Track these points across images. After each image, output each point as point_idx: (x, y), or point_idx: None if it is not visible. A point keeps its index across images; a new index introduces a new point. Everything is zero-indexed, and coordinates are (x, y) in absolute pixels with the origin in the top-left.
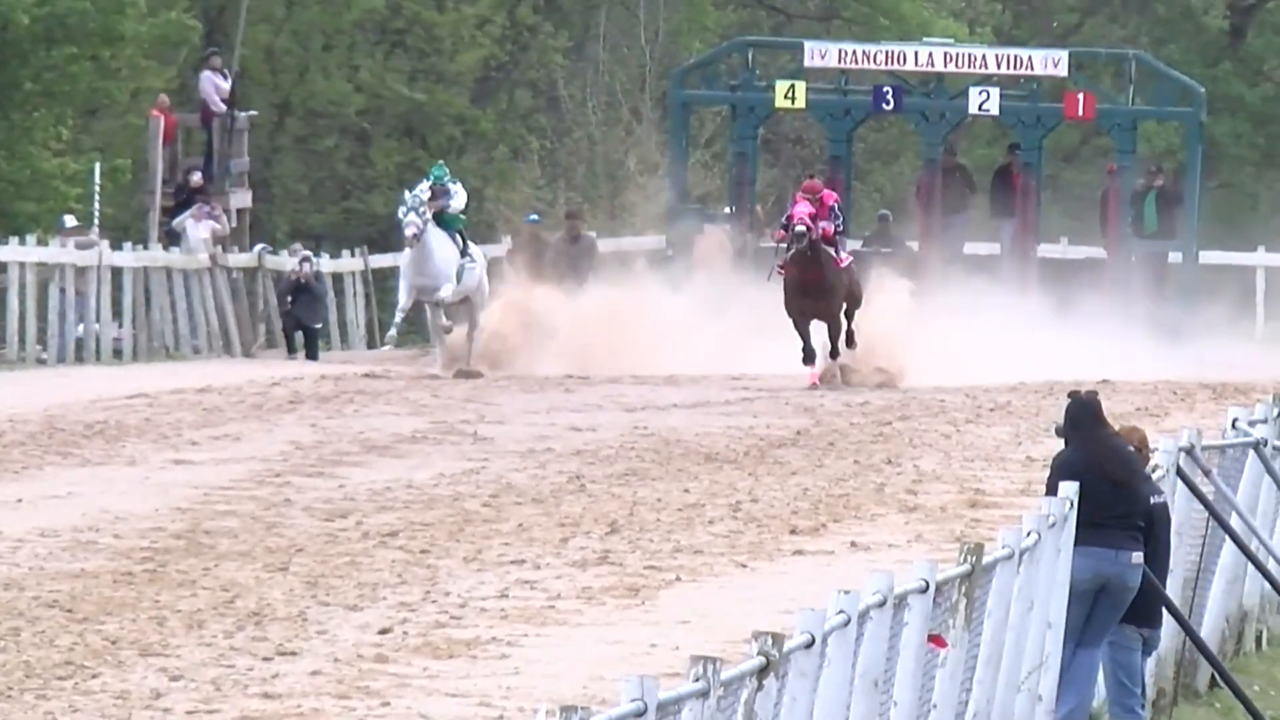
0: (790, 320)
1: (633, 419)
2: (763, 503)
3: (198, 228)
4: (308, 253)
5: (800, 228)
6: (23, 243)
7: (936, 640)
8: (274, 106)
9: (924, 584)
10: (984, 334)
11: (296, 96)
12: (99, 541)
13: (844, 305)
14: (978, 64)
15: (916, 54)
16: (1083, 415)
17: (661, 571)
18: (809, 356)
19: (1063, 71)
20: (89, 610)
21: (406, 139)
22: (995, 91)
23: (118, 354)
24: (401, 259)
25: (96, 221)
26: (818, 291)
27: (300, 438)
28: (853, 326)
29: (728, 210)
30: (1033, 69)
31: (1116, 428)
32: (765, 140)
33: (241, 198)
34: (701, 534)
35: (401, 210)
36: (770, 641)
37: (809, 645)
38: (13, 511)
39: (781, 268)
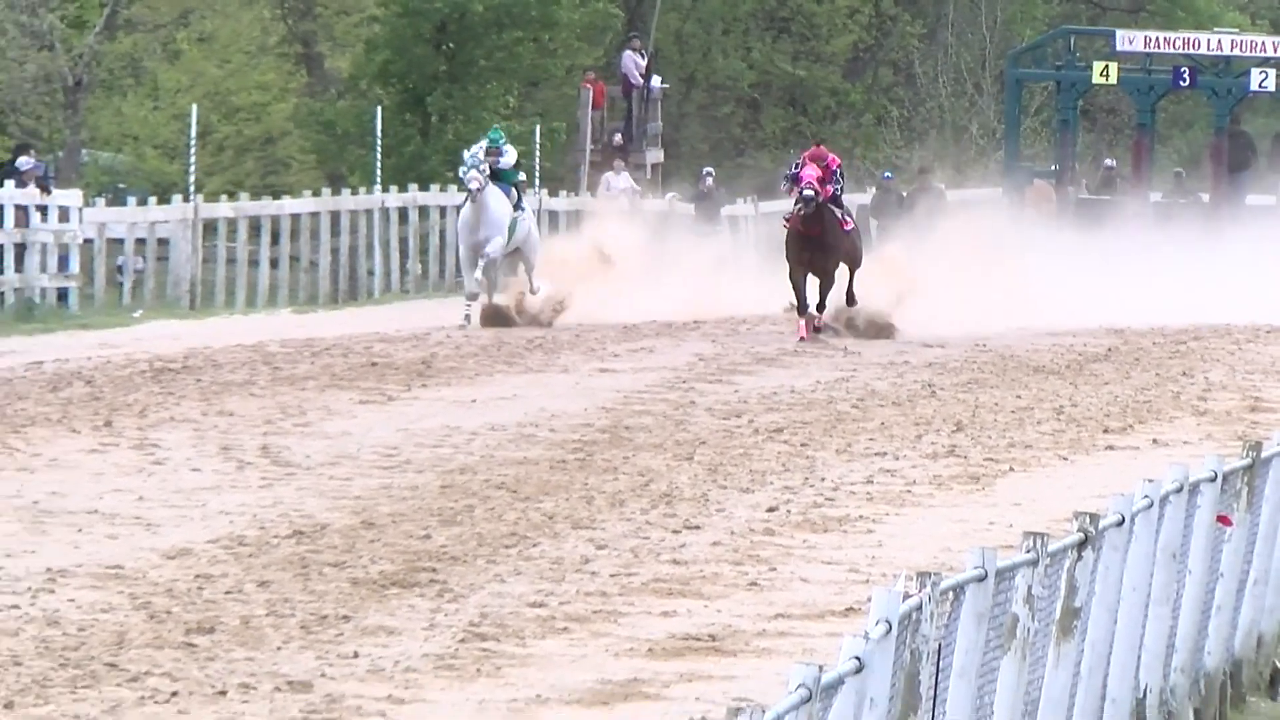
0: (789, 270)
1: (974, 338)
2: (1080, 407)
3: (617, 179)
4: (710, 169)
5: (809, 191)
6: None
7: (1224, 520)
8: (682, 80)
9: (1213, 474)
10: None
11: (700, 72)
12: (538, 435)
13: (840, 264)
14: (1259, 49)
15: (1208, 40)
16: None
17: (998, 463)
18: (801, 307)
19: None
20: (530, 491)
21: (790, 108)
22: (1273, 72)
23: None
24: (460, 217)
25: (538, 175)
26: (817, 246)
27: (703, 351)
28: (852, 286)
29: (1053, 168)
30: None
31: None
32: (1084, 110)
33: (655, 155)
34: (1030, 432)
35: (463, 169)
36: (1088, 520)
37: (1119, 524)
38: (467, 410)
39: (787, 220)
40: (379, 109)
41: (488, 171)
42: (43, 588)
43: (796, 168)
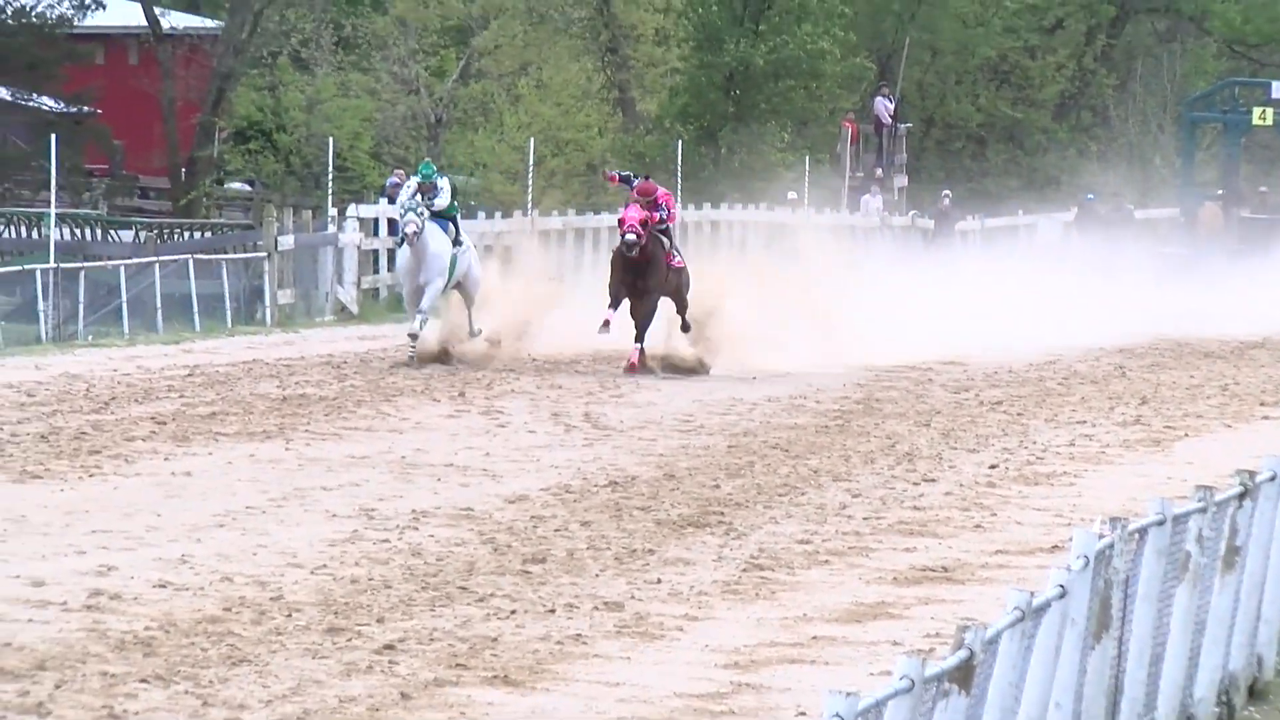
0: (610, 283)
1: (1160, 326)
2: (1242, 385)
3: (872, 200)
4: (948, 191)
5: (630, 237)
6: (756, 208)
7: None
8: (922, 120)
9: None
10: None
11: (937, 114)
12: (806, 405)
13: (664, 299)
14: None
15: None
16: None
17: (1175, 430)
18: (615, 304)
19: None
20: (799, 450)
21: (1009, 143)
22: None
23: None
24: (399, 259)
25: (805, 198)
26: (637, 286)
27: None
28: (686, 318)
29: (1219, 192)
30: None
31: None
32: (1245, 146)
33: (901, 181)
34: (1201, 405)
35: (399, 210)
36: (1247, 476)
37: (1272, 479)
38: (749, 385)
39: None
40: (679, 142)
41: (425, 214)
42: (408, 525)
43: (625, 206)
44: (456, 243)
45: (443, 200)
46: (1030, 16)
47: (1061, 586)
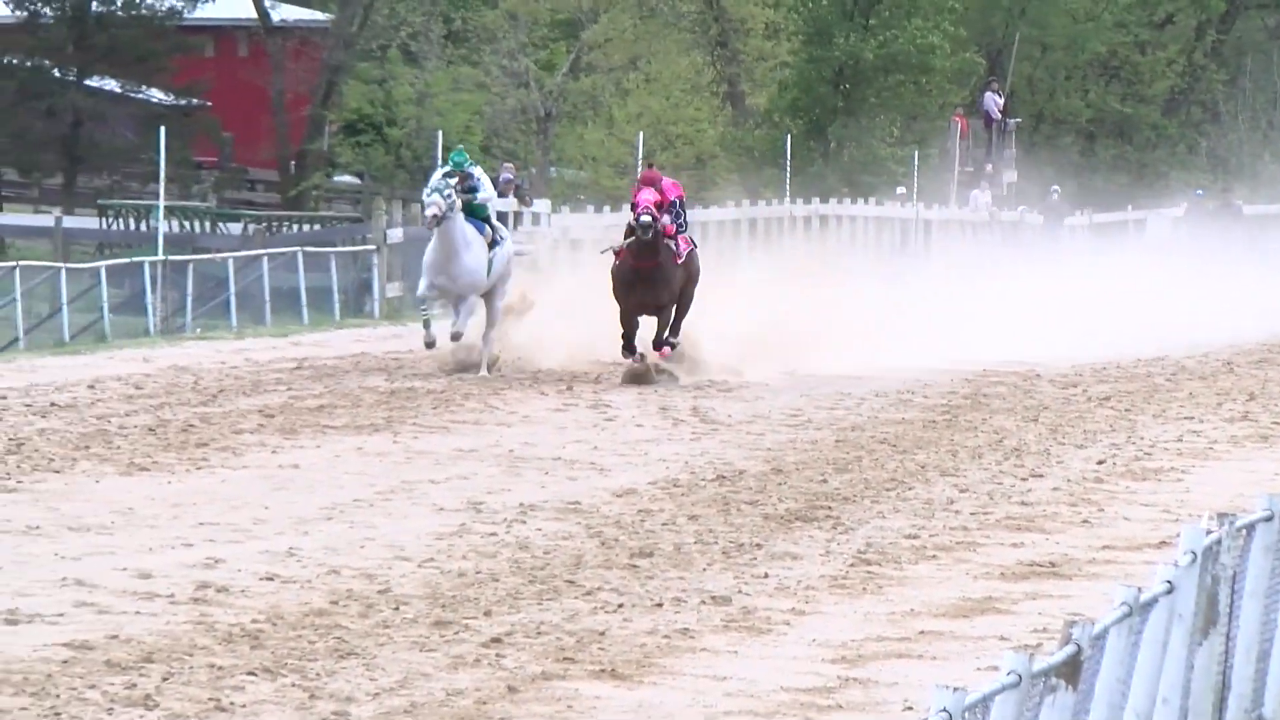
0: (620, 312)
1: (1268, 323)
2: None
3: (980, 195)
4: (1057, 187)
5: (646, 217)
6: (865, 203)
7: None
8: (1031, 116)
9: None
10: None
11: (1047, 109)
12: (913, 400)
13: (676, 300)
14: None
15: None
16: None
17: None
18: (629, 348)
19: None
20: (906, 445)
21: (1119, 139)
22: None
23: None
24: (426, 252)
25: (915, 192)
26: (650, 282)
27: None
28: (681, 323)
29: None
30: None
31: None
32: None
33: (1010, 176)
34: None
35: (425, 191)
36: None
37: None
38: (856, 380)
39: (618, 254)
40: (788, 137)
41: (453, 198)
42: (516, 519)
43: (634, 193)
44: (494, 242)
45: (485, 194)
46: (1140, 11)
47: (1169, 582)
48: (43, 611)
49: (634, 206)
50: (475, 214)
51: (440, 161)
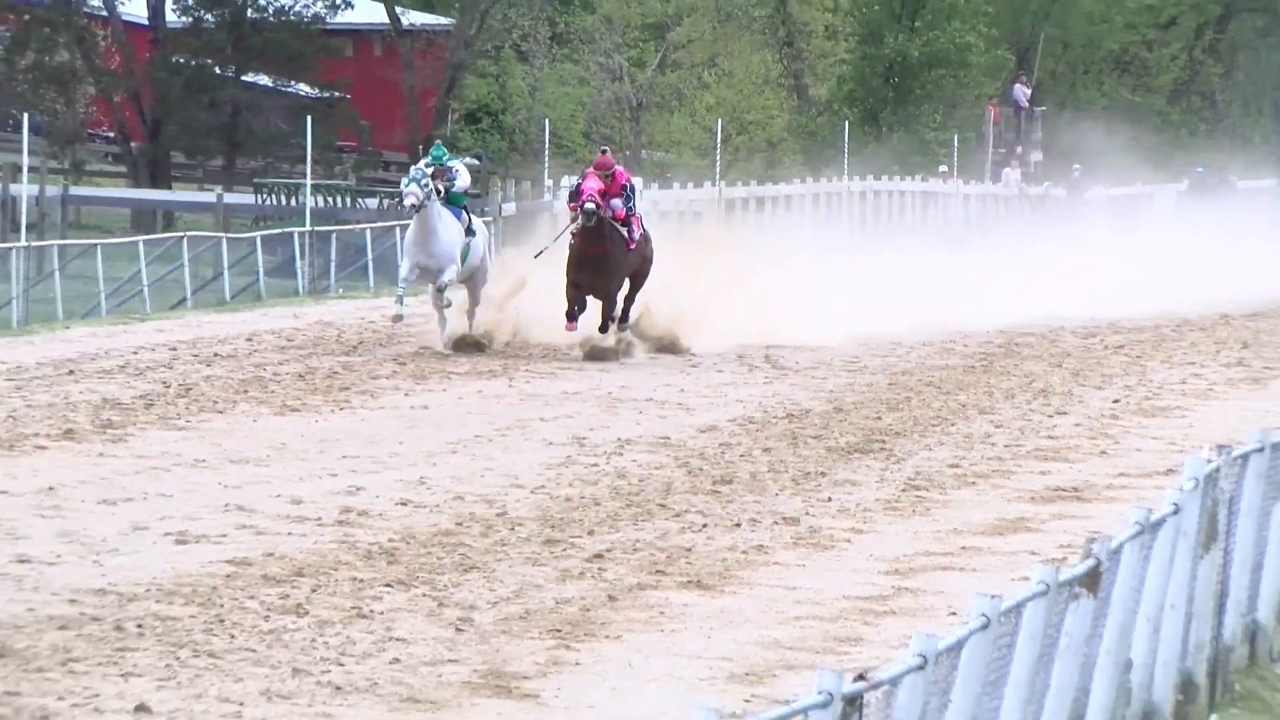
0: (566, 286)
1: (1260, 282)
2: None
3: (1011, 173)
4: (1078, 165)
5: (589, 205)
6: (912, 179)
7: None
8: (1055, 104)
9: None
10: None
11: (1068, 99)
12: (955, 349)
13: (625, 284)
14: None
15: None
16: None
17: (1273, 370)
18: (570, 316)
19: None
20: (950, 387)
21: (1128, 124)
22: None
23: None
24: (407, 236)
25: (955, 170)
26: (598, 266)
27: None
28: (630, 308)
29: None
30: None
31: None
32: None
33: (1036, 156)
34: None
35: (404, 181)
36: None
37: None
38: (907, 333)
39: (574, 235)
40: (846, 123)
41: (430, 187)
42: (614, 451)
43: (581, 179)
44: (470, 232)
45: (462, 182)
46: (1148, 14)
47: (1175, 505)
48: (209, 533)
49: (578, 194)
50: (454, 202)
51: (546, 145)
